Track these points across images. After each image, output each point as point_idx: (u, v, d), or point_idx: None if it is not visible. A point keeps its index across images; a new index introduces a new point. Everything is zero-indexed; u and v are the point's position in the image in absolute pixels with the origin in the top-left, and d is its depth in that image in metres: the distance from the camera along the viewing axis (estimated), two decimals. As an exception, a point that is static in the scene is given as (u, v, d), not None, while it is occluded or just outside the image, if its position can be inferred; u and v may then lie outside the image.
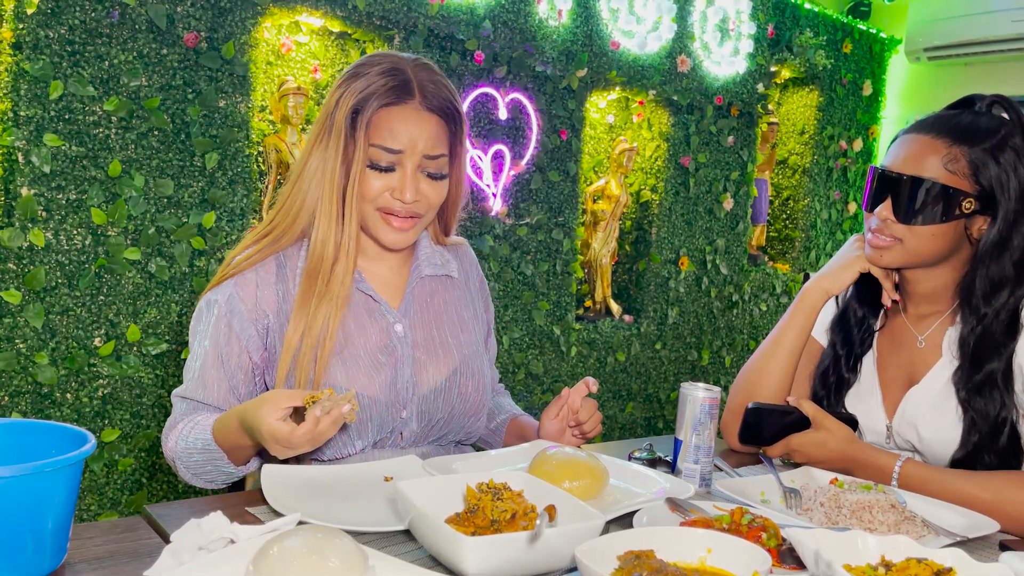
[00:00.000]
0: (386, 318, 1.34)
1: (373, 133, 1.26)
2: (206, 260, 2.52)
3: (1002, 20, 4.21)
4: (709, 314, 4.08)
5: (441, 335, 1.39)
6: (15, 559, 0.83)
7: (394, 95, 1.26)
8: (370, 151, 1.26)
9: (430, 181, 1.30)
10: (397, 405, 1.31)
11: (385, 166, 1.27)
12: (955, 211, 1.35)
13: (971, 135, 1.36)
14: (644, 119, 3.81)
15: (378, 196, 1.28)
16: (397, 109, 1.27)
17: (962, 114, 1.41)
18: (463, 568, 0.86)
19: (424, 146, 1.27)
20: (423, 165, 1.28)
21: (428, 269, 1.40)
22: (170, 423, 1.30)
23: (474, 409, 1.40)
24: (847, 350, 1.54)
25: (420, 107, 1.28)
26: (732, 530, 0.97)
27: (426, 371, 1.35)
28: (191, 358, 1.31)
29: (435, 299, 1.42)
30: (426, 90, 1.28)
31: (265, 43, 2.73)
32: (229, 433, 1.18)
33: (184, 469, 1.26)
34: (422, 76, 1.29)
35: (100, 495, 2.41)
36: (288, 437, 1.07)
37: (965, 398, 1.36)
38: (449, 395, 1.36)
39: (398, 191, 1.27)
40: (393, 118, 1.26)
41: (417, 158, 1.27)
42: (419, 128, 1.27)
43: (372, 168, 1.27)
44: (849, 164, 4.65)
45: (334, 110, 1.27)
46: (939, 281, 1.44)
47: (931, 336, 1.46)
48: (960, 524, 1.16)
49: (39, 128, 2.22)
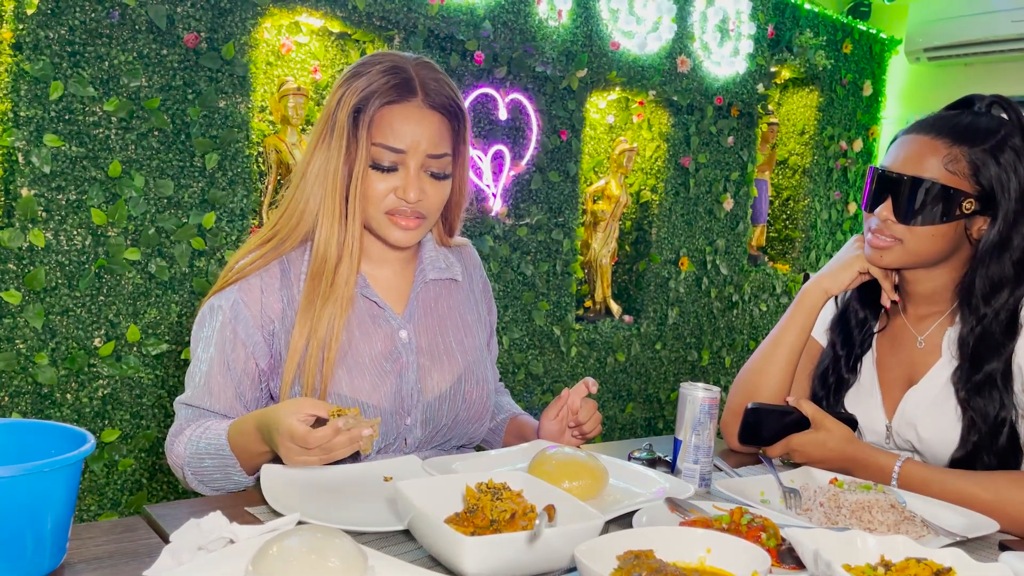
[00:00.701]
0: (390, 324, 1.33)
1: (375, 132, 1.25)
2: (206, 261, 2.52)
3: (1002, 20, 4.21)
4: (709, 314, 4.08)
5: (445, 340, 1.38)
6: (15, 559, 0.83)
7: (396, 93, 1.25)
8: (373, 150, 1.25)
9: (433, 181, 1.29)
10: (401, 412, 1.31)
11: (388, 166, 1.26)
12: (955, 211, 1.35)
13: (971, 135, 1.36)
14: (644, 119, 3.81)
15: (383, 198, 1.27)
16: (399, 107, 1.25)
17: (961, 114, 1.41)
18: (462, 568, 0.86)
19: (427, 145, 1.26)
20: (426, 165, 1.27)
21: (433, 273, 1.39)
22: (175, 430, 1.28)
23: (478, 415, 1.39)
24: (847, 351, 1.54)
25: (423, 105, 1.26)
26: (732, 530, 0.97)
27: (431, 378, 1.34)
28: (195, 364, 1.30)
29: (439, 303, 1.41)
30: (428, 87, 1.27)
31: (265, 43, 2.73)
32: (245, 437, 1.17)
33: (192, 475, 1.24)
34: (424, 74, 1.28)
35: (100, 495, 2.41)
36: (304, 436, 1.06)
37: (965, 398, 1.36)
38: (454, 402, 1.35)
39: (401, 190, 1.26)
40: (395, 116, 1.25)
41: (420, 158, 1.26)
42: (422, 126, 1.26)
43: (375, 169, 1.26)
44: (849, 164, 4.65)
45: (336, 109, 1.26)
46: (939, 281, 1.44)
47: (931, 336, 1.46)
48: (960, 524, 1.16)
49: (39, 128, 2.22)
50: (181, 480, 1.28)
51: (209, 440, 1.21)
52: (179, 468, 1.26)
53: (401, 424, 1.31)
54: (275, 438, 1.10)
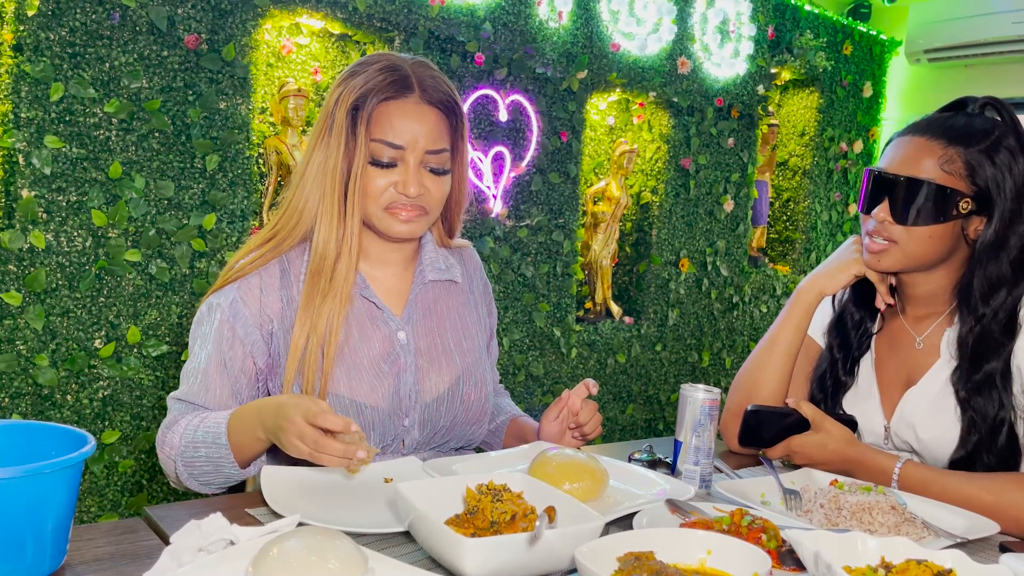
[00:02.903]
0: (389, 325, 1.33)
1: (374, 127, 1.26)
2: (206, 262, 2.52)
3: (1002, 22, 4.21)
4: (709, 316, 4.08)
5: (444, 342, 1.38)
6: (15, 561, 0.83)
7: (393, 89, 1.26)
8: (372, 146, 1.26)
9: (433, 176, 1.30)
10: (399, 414, 1.31)
11: (387, 162, 1.27)
12: (952, 211, 1.35)
13: (966, 136, 1.37)
14: (644, 121, 3.81)
15: (382, 194, 1.28)
16: (397, 103, 1.27)
17: (956, 116, 1.42)
18: (463, 570, 0.86)
19: (426, 141, 1.27)
20: (425, 160, 1.28)
21: (432, 274, 1.39)
22: (168, 422, 1.26)
23: (476, 417, 1.39)
24: (844, 353, 1.54)
25: (420, 100, 1.28)
26: (732, 532, 0.97)
27: (429, 379, 1.34)
28: (191, 361, 1.29)
29: (438, 305, 1.41)
30: (425, 84, 1.28)
31: (266, 45, 2.74)
32: (242, 421, 1.15)
33: (183, 467, 1.22)
34: (420, 71, 1.29)
35: (100, 497, 2.41)
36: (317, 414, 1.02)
37: (964, 398, 1.37)
38: (452, 404, 1.35)
39: (401, 185, 1.27)
40: (393, 112, 1.26)
41: (419, 153, 1.27)
42: (420, 122, 1.27)
43: (374, 165, 1.27)
44: (849, 166, 4.65)
45: (334, 108, 1.27)
46: (937, 284, 1.44)
47: (929, 337, 1.46)
48: (960, 526, 1.16)
49: (40, 130, 2.22)
50: (171, 476, 1.25)
51: (208, 428, 1.19)
52: (171, 460, 1.23)
53: (399, 425, 1.31)
54: (284, 412, 1.06)
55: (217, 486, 1.24)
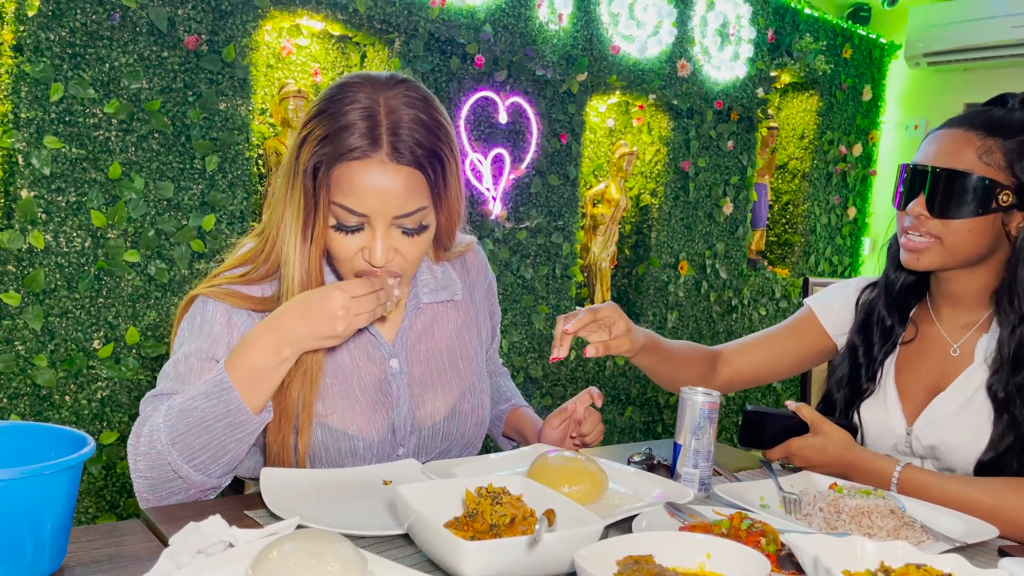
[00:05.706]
0: (380, 352, 1.28)
1: (335, 191, 1.11)
2: (206, 263, 2.52)
3: (1002, 25, 4.22)
4: (708, 318, 4.08)
5: (440, 366, 1.33)
6: (14, 562, 0.83)
7: (358, 146, 1.09)
8: (333, 209, 1.12)
9: (406, 238, 1.15)
10: (394, 443, 1.28)
11: (352, 226, 1.13)
12: (992, 203, 1.32)
13: (1004, 128, 1.34)
14: (644, 123, 3.81)
15: (351, 259, 1.15)
16: (361, 165, 1.10)
17: (994, 110, 1.39)
18: (462, 573, 0.86)
19: (395, 206, 1.11)
20: (396, 223, 1.13)
21: (427, 296, 1.33)
22: (141, 419, 1.12)
23: (472, 440, 1.37)
24: (867, 360, 1.50)
25: (388, 159, 1.10)
26: (731, 535, 0.97)
27: (423, 408, 1.30)
28: (173, 359, 1.19)
29: (434, 327, 1.34)
30: (399, 133, 1.10)
31: (266, 46, 2.74)
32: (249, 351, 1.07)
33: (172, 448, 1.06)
34: (396, 116, 1.11)
35: (98, 498, 2.41)
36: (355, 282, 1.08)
37: (1004, 399, 1.33)
38: (448, 432, 1.33)
39: (367, 252, 1.13)
40: (355, 174, 1.10)
41: (387, 219, 1.12)
42: (387, 184, 1.10)
43: (338, 230, 1.14)
44: (848, 169, 4.66)
45: (297, 154, 1.14)
46: (977, 283, 1.41)
47: (965, 344, 1.43)
48: (959, 530, 1.16)
49: (39, 130, 2.22)
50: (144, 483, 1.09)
51: (201, 386, 1.07)
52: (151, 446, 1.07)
53: (393, 455, 1.28)
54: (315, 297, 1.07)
55: (222, 462, 1.11)
